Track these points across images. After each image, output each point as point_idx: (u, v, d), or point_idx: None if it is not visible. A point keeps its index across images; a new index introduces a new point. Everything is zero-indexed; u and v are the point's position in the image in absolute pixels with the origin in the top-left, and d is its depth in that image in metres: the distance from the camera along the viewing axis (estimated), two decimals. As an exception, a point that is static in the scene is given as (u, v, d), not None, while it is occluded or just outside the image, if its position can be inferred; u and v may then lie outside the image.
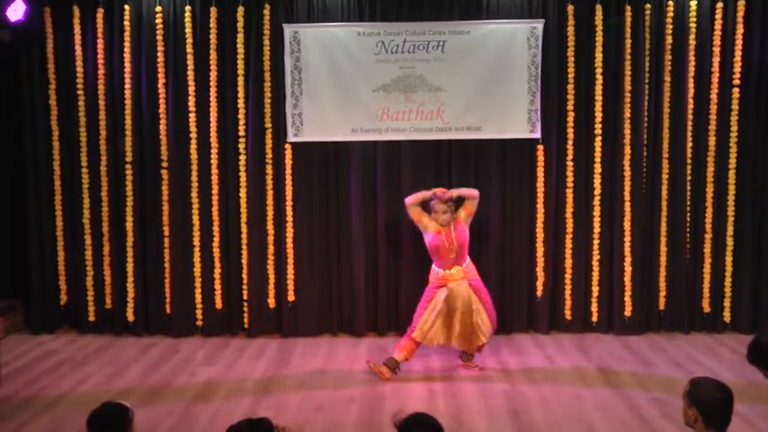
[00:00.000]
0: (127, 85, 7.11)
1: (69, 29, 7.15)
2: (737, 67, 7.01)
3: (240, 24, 7.04)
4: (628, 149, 7.05)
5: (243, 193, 7.18)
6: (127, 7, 7.05)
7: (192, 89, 7.10)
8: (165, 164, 7.17)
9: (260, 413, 5.15)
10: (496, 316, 6.21)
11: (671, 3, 6.99)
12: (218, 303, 7.27)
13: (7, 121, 7.40)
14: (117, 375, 6.09)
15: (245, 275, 7.24)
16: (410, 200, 6.16)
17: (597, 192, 7.13)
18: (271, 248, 7.22)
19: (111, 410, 2.95)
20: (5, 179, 7.54)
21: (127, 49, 7.08)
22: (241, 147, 7.15)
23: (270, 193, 7.19)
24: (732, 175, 7.12)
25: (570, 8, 7.01)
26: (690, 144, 7.11)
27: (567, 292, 7.22)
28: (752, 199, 7.15)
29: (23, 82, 7.19)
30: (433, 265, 6.11)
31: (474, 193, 6.13)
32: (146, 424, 4.89)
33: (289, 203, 7.15)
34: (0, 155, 7.50)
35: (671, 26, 7.01)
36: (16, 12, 6.72)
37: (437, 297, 5.95)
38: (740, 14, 6.95)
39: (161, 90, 7.11)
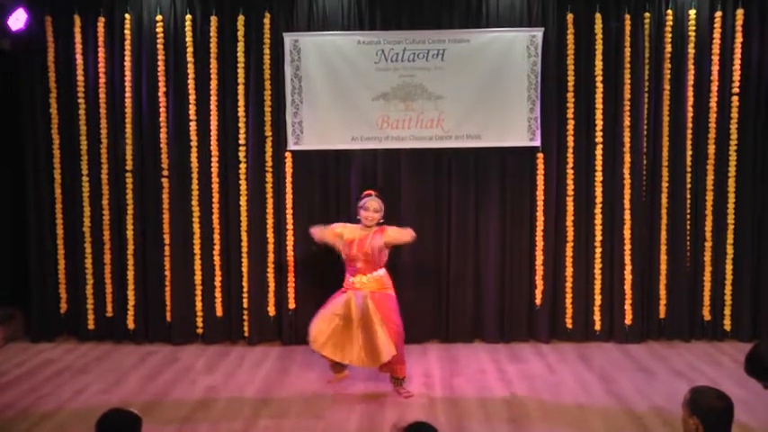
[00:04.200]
0: (127, 94, 7.13)
1: (70, 37, 7.17)
2: (737, 76, 7.03)
3: (240, 33, 7.06)
4: (628, 157, 7.06)
5: (243, 201, 7.19)
6: (128, 16, 7.08)
7: (192, 97, 7.12)
8: (165, 172, 7.18)
9: (260, 422, 5.18)
10: (402, 335, 5.74)
11: (670, 11, 7.01)
12: (219, 311, 7.27)
13: (8, 128, 7.41)
14: (117, 384, 6.08)
15: (245, 283, 7.24)
16: (316, 234, 6.01)
17: (597, 200, 7.13)
18: (271, 256, 7.22)
19: (122, 418, 2.94)
20: (6, 187, 7.55)
21: (127, 58, 7.10)
22: (241, 155, 7.16)
23: (270, 201, 7.20)
24: (732, 182, 7.12)
25: (570, 16, 7.03)
26: (689, 152, 7.12)
27: (568, 301, 7.21)
28: (752, 207, 7.15)
29: (24, 90, 7.21)
30: (347, 273, 5.83)
31: (406, 238, 5.86)
32: (145, 433, 4.87)
33: (289, 211, 7.16)
34: (0, 163, 7.51)
35: (670, 34, 7.03)
36: (17, 20, 6.75)
37: (337, 300, 5.69)
38: (739, 23, 6.98)
39: (161, 98, 7.13)
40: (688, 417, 2.78)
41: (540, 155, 7.11)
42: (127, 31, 7.09)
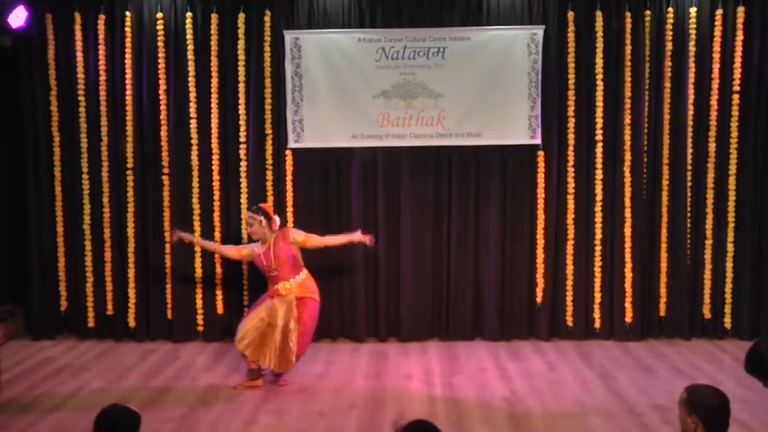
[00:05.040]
0: (128, 92, 7.13)
1: (71, 35, 7.17)
2: (737, 74, 7.02)
3: (241, 31, 7.06)
4: (628, 155, 7.06)
5: (244, 198, 7.18)
6: (128, 13, 7.07)
7: (192, 95, 7.12)
8: (165, 169, 7.18)
9: (260, 419, 5.18)
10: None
11: (671, 9, 7.01)
12: (220, 309, 7.27)
13: (8, 126, 7.41)
14: (117, 381, 6.09)
15: (245, 281, 7.24)
16: (216, 251, 6.60)
17: (598, 198, 7.13)
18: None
19: (121, 414, 2.93)
20: (6, 184, 7.54)
21: (128, 56, 7.10)
22: (242, 153, 7.16)
23: (270, 199, 7.20)
24: (732, 180, 7.12)
25: (570, 14, 7.03)
26: (690, 150, 7.12)
27: (568, 299, 7.21)
28: (752, 205, 7.15)
29: (25, 88, 7.21)
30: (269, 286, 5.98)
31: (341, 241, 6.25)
32: (145, 430, 4.87)
33: (289, 209, 7.16)
34: (1, 160, 7.51)
35: (671, 32, 7.02)
36: (18, 18, 6.74)
37: (264, 304, 5.83)
38: (740, 21, 6.97)
39: (162, 96, 7.13)
40: (686, 416, 2.77)
41: (541, 153, 7.11)
42: (127, 29, 7.09)
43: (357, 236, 6.12)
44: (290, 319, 5.74)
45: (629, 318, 7.11)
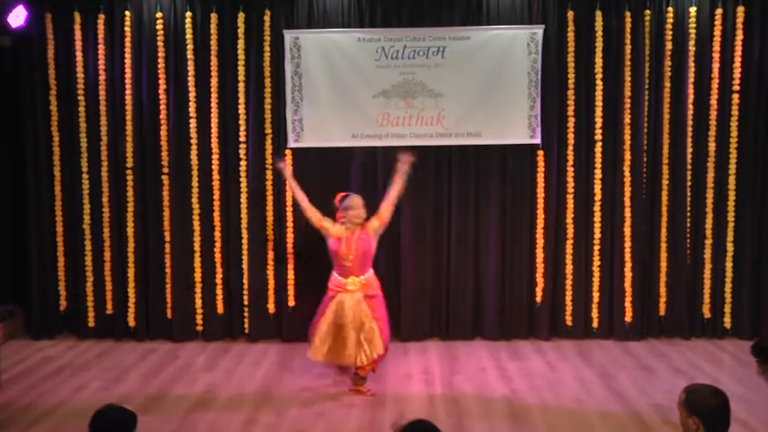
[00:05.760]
0: (128, 91, 7.13)
1: (70, 35, 7.16)
2: (737, 73, 7.02)
3: (241, 30, 7.06)
4: (628, 155, 7.06)
5: (243, 198, 7.18)
6: (128, 13, 7.07)
7: (192, 95, 7.11)
8: (165, 169, 7.18)
9: (260, 419, 5.18)
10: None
11: (671, 9, 7.01)
12: (219, 308, 7.27)
13: (8, 126, 7.41)
14: (117, 381, 6.09)
15: (245, 280, 7.24)
16: (301, 202, 5.89)
17: (597, 197, 7.13)
18: (271, 253, 7.22)
19: (117, 414, 2.92)
20: (6, 184, 7.54)
21: (128, 55, 7.10)
22: (242, 152, 7.16)
23: (270, 199, 7.20)
24: (732, 180, 7.12)
25: (570, 14, 7.03)
26: (690, 149, 7.12)
27: (568, 298, 7.22)
28: (752, 204, 7.15)
29: (24, 88, 7.20)
30: (333, 272, 5.77)
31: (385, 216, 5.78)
32: (144, 430, 4.87)
33: (289, 209, 7.16)
34: (1, 160, 7.51)
35: (671, 32, 7.02)
36: (17, 17, 6.74)
37: (328, 311, 5.62)
38: (739, 20, 6.97)
39: (162, 96, 7.13)
40: (687, 417, 2.76)
41: (541, 152, 7.11)
42: (127, 29, 7.08)
43: (403, 166, 5.84)
44: (361, 315, 5.55)
45: (628, 317, 7.11)
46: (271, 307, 7.26)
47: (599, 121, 7.07)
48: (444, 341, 7.20)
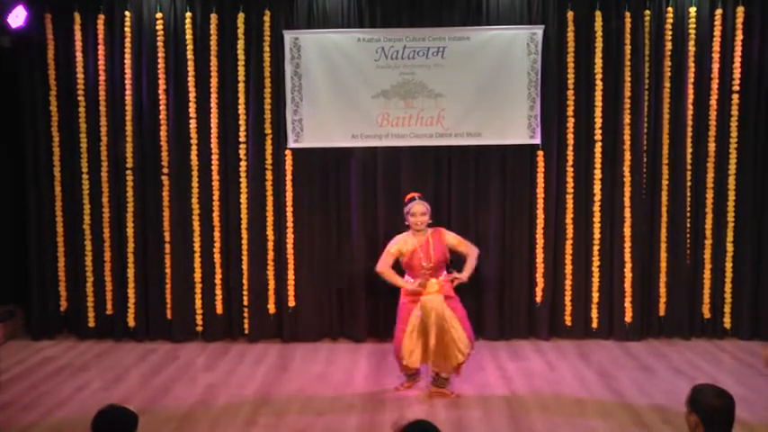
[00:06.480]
0: (128, 91, 7.13)
1: (70, 35, 7.17)
2: (737, 73, 7.02)
3: (240, 31, 7.06)
4: (628, 155, 7.06)
5: (243, 198, 7.19)
6: (128, 13, 7.07)
7: (192, 95, 7.12)
8: (165, 169, 7.19)
9: (260, 419, 5.18)
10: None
11: (670, 9, 7.01)
12: (219, 308, 7.27)
13: (8, 126, 7.41)
14: (117, 381, 6.09)
15: (245, 281, 7.24)
16: (385, 274, 5.76)
17: (597, 197, 7.13)
18: (271, 254, 7.22)
19: (119, 414, 2.93)
20: (6, 185, 7.54)
21: (127, 56, 7.10)
22: (241, 152, 7.16)
23: (270, 199, 7.20)
24: (732, 180, 7.12)
25: (570, 14, 7.03)
26: (690, 150, 7.12)
27: (568, 298, 7.22)
28: (752, 204, 7.15)
29: (24, 88, 7.20)
30: (406, 276, 5.72)
31: (470, 252, 5.74)
32: (144, 430, 4.87)
33: (289, 209, 7.16)
34: (1, 160, 7.51)
35: (670, 32, 7.02)
36: (17, 18, 6.74)
37: (412, 317, 5.54)
38: (739, 20, 6.97)
39: (161, 96, 7.13)
40: (688, 414, 2.80)
41: (540, 152, 7.11)
42: (127, 29, 7.09)
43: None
44: (444, 314, 5.46)
45: (628, 317, 7.11)
46: (271, 307, 7.26)
47: (599, 121, 7.07)
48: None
